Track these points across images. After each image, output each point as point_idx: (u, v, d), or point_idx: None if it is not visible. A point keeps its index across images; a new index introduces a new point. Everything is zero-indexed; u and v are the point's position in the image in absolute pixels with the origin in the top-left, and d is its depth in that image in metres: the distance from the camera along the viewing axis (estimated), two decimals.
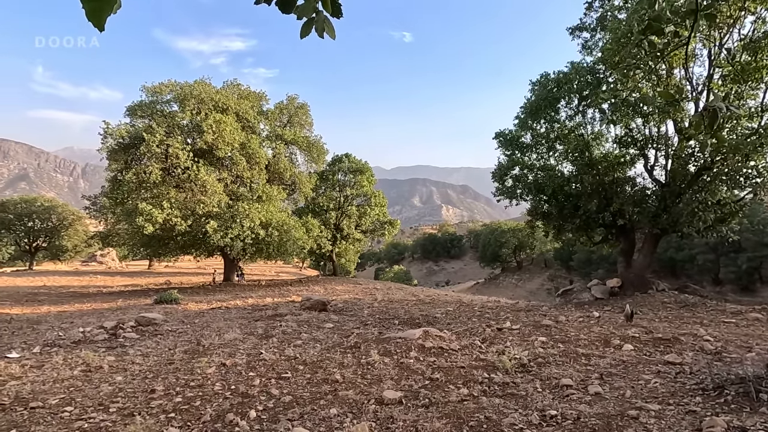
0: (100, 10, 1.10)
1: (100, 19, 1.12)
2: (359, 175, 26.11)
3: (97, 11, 1.10)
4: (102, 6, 1.11)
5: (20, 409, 4.13)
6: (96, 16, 1.11)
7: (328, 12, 1.48)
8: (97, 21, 1.12)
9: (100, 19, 1.12)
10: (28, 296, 17.32)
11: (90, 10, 1.09)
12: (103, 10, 1.11)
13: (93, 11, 1.09)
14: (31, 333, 8.82)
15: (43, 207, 41.54)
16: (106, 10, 1.12)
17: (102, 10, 1.11)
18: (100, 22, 1.12)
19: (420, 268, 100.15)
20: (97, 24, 1.14)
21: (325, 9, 1.46)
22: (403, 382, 4.85)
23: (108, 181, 21.62)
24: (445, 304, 13.07)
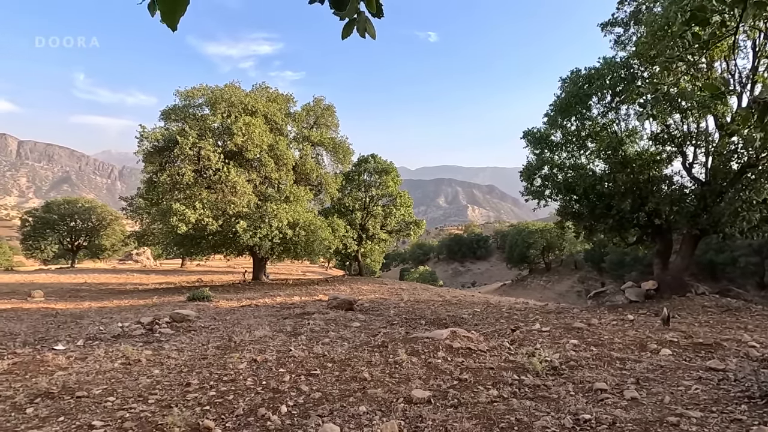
0: (173, 12, 1.19)
1: (173, 20, 1.21)
2: (385, 176, 26.15)
3: (171, 13, 1.19)
4: (175, 8, 1.19)
5: (67, 397, 4.36)
6: (169, 18, 1.20)
7: (372, 12, 1.50)
8: (171, 22, 1.20)
9: (173, 20, 1.21)
10: (71, 292, 18.23)
11: (164, 11, 1.18)
12: (176, 12, 1.20)
13: (167, 13, 1.18)
14: (75, 327, 9.29)
15: (84, 208, 43.68)
16: (179, 12, 1.20)
17: (175, 12, 1.20)
18: (173, 22, 1.21)
19: (445, 268, 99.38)
20: (171, 24, 1.23)
21: (369, 9, 1.48)
22: (431, 381, 4.83)
23: (143, 183, 22.52)
24: (472, 305, 12.92)
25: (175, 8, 1.20)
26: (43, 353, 6.42)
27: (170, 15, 1.21)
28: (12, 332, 8.48)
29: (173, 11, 1.20)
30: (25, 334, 8.33)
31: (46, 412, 3.97)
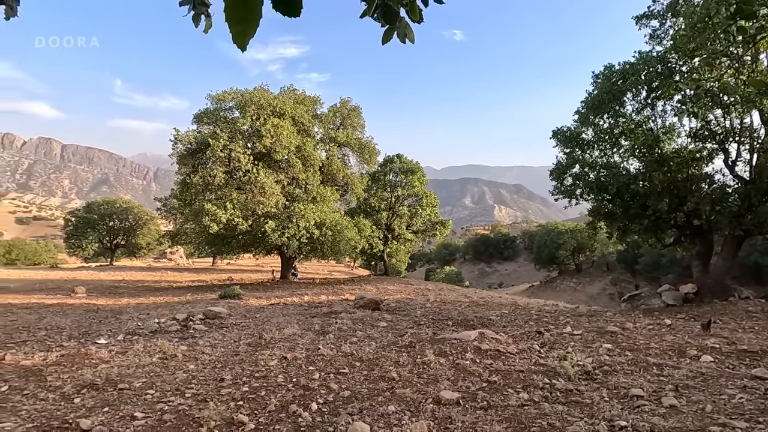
0: (244, 34, 1.27)
1: (243, 42, 1.28)
2: (410, 176, 26.12)
3: (241, 35, 1.27)
4: (246, 30, 1.27)
5: (111, 389, 4.59)
6: (240, 39, 1.27)
7: (414, 19, 1.52)
8: (241, 43, 1.28)
9: (243, 42, 1.28)
10: (111, 289, 19.10)
11: (236, 33, 1.25)
12: (247, 34, 1.27)
13: (238, 34, 1.25)
14: (115, 322, 9.73)
15: (122, 208, 45.65)
16: (249, 34, 1.27)
17: (245, 34, 1.27)
18: (243, 43, 1.29)
19: (472, 269, 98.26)
20: (241, 46, 1.31)
21: (412, 17, 1.50)
22: (459, 383, 4.80)
23: (177, 184, 23.32)
24: (500, 307, 12.74)
25: (246, 31, 1.27)
26: (87, 347, 6.76)
27: (241, 37, 1.27)
28: (58, 326, 8.98)
29: (244, 34, 1.27)
30: (70, 328, 8.79)
31: (92, 403, 4.18)
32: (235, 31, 1.29)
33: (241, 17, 1.27)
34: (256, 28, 1.28)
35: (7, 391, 4.52)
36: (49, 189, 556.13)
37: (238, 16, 1.27)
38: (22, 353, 6.29)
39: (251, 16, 1.25)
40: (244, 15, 1.27)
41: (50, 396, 4.40)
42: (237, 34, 1.29)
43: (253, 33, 1.28)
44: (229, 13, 1.26)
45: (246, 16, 1.27)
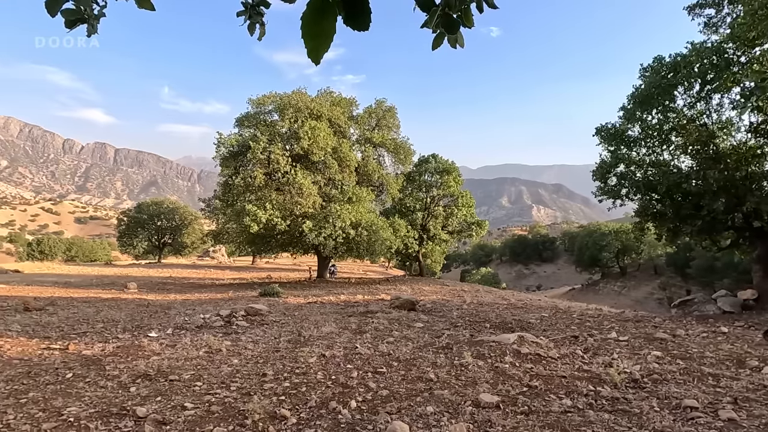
0: (318, 49, 1.35)
1: (318, 56, 1.36)
2: (446, 176, 25.88)
3: (316, 49, 1.35)
4: (320, 45, 1.35)
5: (162, 380, 4.85)
6: (314, 54, 1.35)
7: (468, 25, 1.53)
8: (315, 57, 1.36)
9: (317, 56, 1.36)
10: (159, 285, 20.15)
11: (311, 48, 1.32)
12: (321, 49, 1.35)
13: (313, 49, 1.33)
14: (164, 316, 10.27)
15: (169, 208, 48.05)
16: (323, 49, 1.35)
17: (320, 49, 1.35)
18: (317, 58, 1.36)
19: (508, 271, 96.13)
20: (315, 60, 1.39)
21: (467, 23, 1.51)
22: (499, 386, 4.72)
23: (219, 186, 24.29)
24: (539, 310, 12.39)
25: (321, 46, 1.33)
26: (140, 339, 7.18)
27: (315, 52, 1.34)
28: (114, 319, 9.58)
29: (318, 49, 1.33)
30: (124, 321, 9.37)
31: (146, 392, 4.44)
32: (310, 46, 1.35)
33: (317, 33, 1.33)
34: (330, 44, 1.33)
35: (72, 378, 4.88)
36: (103, 190, 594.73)
37: (314, 31, 1.32)
38: (83, 343, 6.78)
39: (326, 32, 1.31)
40: (320, 31, 1.33)
41: (109, 384, 4.71)
42: (312, 49, 1.35)
43: (327, 48, 1.34)
44: (305, 29, 1.32)
45: (321, 32, 1.32)
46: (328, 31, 1.31)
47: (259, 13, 2.21)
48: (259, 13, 2.20)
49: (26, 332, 7.67)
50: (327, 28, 1.30)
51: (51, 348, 6.44)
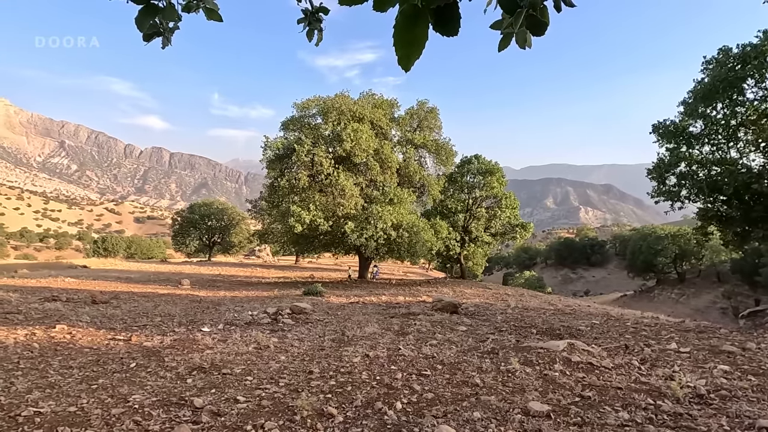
0: (408, 57, 1.38)
1: (408, 64, 1.39)
2: (489, 176, 25.36)
3: (406, 57, 1.38)
4: (411, 53, 1.37)
5: (216, 373, 5.08)
6: (404, 61, 1.38)
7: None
8: (405, 64, 1.39)
9: (408, 63, 1.39)
10: (210, 282, 21.16)
11: (401, 56, 1.36)
12: (411, 56, 1.37)
13: (403, 57, 1.36)
14: (215, 312, 10.76)
15: (219, 209, 50.36)
16: (413, 57, 1.37)
17: (410, 57, 1.38)
18: (407, 65, 1.40)
19: (554, 275, 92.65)
20: (405, 67, 1.42)
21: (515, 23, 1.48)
22: (549, 395, 4.55)
23: (265, 187, 25.16)
24: (589, 316, 11.83)
25: (411, 54, 1.36)
26: (194, 333, 7.56)
27: (406, 59, 1.36)
28: (170, 314, 10.17)
29: (409, 56, 1.36)
30: (179, 316, 9.91)
31: (201, 384, 4.67)
32: (401, 53, 1.36)
33: (408, 41, 1.34)
34: (421, 52, 1.35)
35: (135, 368, 5.22)
36: (159, 192, 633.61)
37: (406, 39, 1.34)
38: (144, 336, 7.23)
39: (418, 39, 1.32)
40: (412, 38, 1.34)
41: (168, 375, 4.99)
42: (402, 56, 1.37)
43: (418, 56, 1.35)
44: (397, 37, 1.34)
45: (413, 39, 1.34)
46: (420, 38, 1.31)
47: (318, 20, 2.27)
48: (318, 19, 2.26)
49: (94, 323, 8.29)
50: (419, 36, 1.31)
51: (116, 339, 6.92)
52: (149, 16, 1.91)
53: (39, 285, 15.29)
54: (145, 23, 1.93)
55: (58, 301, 11.08)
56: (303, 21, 2.29)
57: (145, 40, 2.26)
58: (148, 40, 2.27)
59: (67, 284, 16.25)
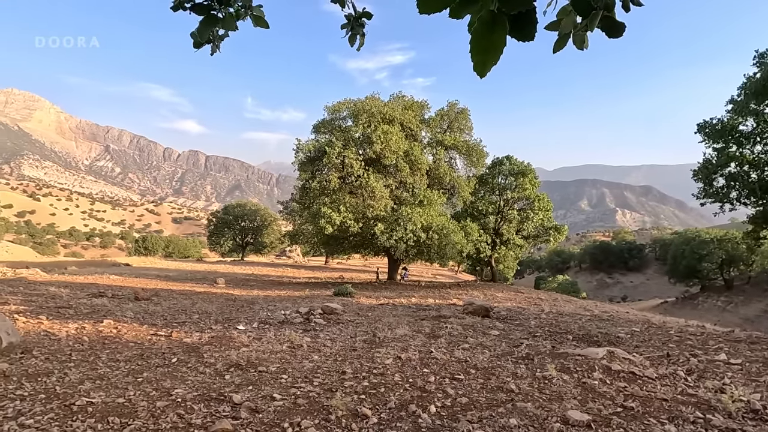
0: (484, 64, 1.39)
1: (483, 70, 1.40)
2: (521, 178, 24.82)
3: (482, 64, 1.39)
4: (487, 60, 1.38)
5: (252, 370, 5.21)
6: (480, 68, 1.39)
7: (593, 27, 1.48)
8: (480, 71, 1.40)
9: (483, 70, 1.40)
10: (243, 281, 21.74)
11: (477, 62, 1.37)
12: (487, 63, 1.38)
13: (479, 63, 1.37)
14: (249, 311, 11.04)
15: (251, 210, 51.75)
16: (489, 64, 1.38)
17: (486, 64, 1.39)
18: (482, 72, 1.41)
19: (588, 279, 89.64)
20: (480, 73, 1.43)
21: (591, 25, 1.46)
22: (589, 404, 4.39)
23: (296, 189, 25.64)
24: (629, 323, 11.35)
25: (487, 61, 1.36)
26: (230, 331, 7.78)
27: (481, 66, 1.37)
28: (207, 311, 10.51)
29: (485, 62, 1.36)
30: (216, 313, 10.23)
31: (239, 381, 4.80)
32: (476, 60, 1.37)
33: (485, 47, 1.35)
34: (498, 58, 1.35)
35: (176, 363, 5.43)
36: (195, 194, 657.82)
37: (482, 46, 1.34)
38: (183, 332, 7.51)
39: (495, 45, 1.32)
40: (488, 45, 1.34)
41: (207, 370, 5.16)
42: (478, 62, 1.37)
43: (495, 62, 1.36)
44: (474, 43, 1.34)
45: (490, 46, 1.34)
46: (498, 44, 1.31)
47: (360, 25, 2.30)
48: (361, 24, 2.28)
49: (137, 319, 8.68)
50: (496, 42, 1.31)
51: (158, 334, 7.22)
52: (210, 26, 1.98)
53: (86, 281, 16.17)
54: (205, 33, 2.01)
55: (104, 297, 11.68)
56: (346, 26, 2.32)
57: (196, 47, 2.35)
58: (198, 47, 2.36)
59: (112, 281, 17.11)
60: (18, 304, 9.32)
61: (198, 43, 2.19)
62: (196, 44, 2.20)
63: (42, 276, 16.93)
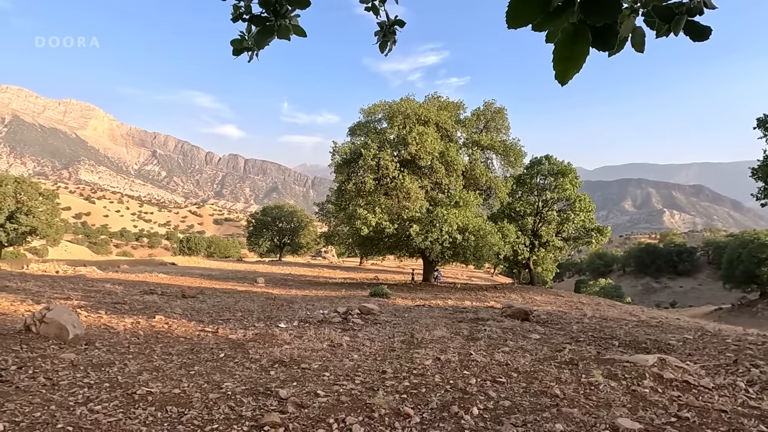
0: (566, 72, 1.42)
1: (564, 78, 1.43)
2: (561, 178, 24.05)
3: (564, 72, 1.42)
4: (569, 68, 1.41)
5: (295, 367, 5.36)
6: (561, 76, 1.43)
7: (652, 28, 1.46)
8: (562, 79, 1.43)
9: (564, 78, 1.43)
10: (282, 281, 22.32)
11: (559, 71, 1.41)
12: (569, 72, 1.41)
13: (561, 72, 1.41)
14: (288, 310, 11.34)
15: (289, 212, 53.01)
16: (571, 72, 1.41)
17: (568, 72, 1.41)
18: (564, 80, 1.44)
19: (633, 283, 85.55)
20: (561, 81, 1.45)
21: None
22: (639, 412, 4.22)
23: (332, 191, 26.09)
24: (680, 330, 10.76)
25: (569, 69, 1.39)
26: (272, 329, 8.03)
27: (562, 74, 1.40)
28: (249, 309, 10.89)
29: (566, 72, 1.39)
30: (257, 312, 10.58)
31: (283, 377, 4.96)
32: (558, 68, 1.39)
33: (566, 57, 1.37)
34: (580, 67, 1.37)
35: (224, 358, 5.67)
36: (235, 196, 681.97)
37: (564, 56, 1.37)
38: (228, 329, 7.83)
39: (577, 55, 1.35)
40: (570, 54, 1.37)
41: (252, 366, 5.36)
42: (560, 71, 1.40)
43: (577, 71, 1.38)
44: (557, 53, 1.37)
45: (571, 55, 1.37)
46: (580, 54, 1.33)
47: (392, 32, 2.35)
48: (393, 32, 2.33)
49: (186, 315, 9.13)
50: (578, 52, 1.32)
51: (205, 330, 7.56)
52: (266, 36, 2.09)
53: (137, 279, 17.15)
54: (263, 42, 2.12)
55: (154, 294, 12.35)
56: (379, 33, 2.37)
57: (235, 54, 2.48)
58: (237, 55, 2.48)
59: (160, 279, 18.05)
60: (79, 300, 10.03)
61: (237, 51, 2.31)
62: (236, 51, 2.32)
63: (98, 274, 18.11)
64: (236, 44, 2.43)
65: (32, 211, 39.27)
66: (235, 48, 2.43)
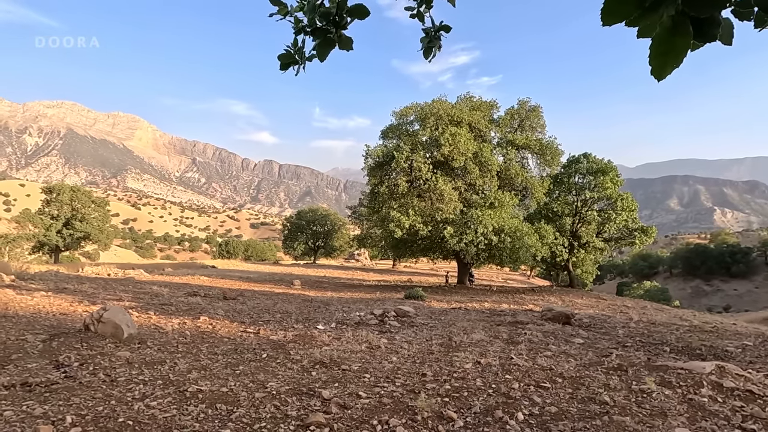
0: (663, 66, 1.37)
1: (662, 73, 1.38)
2: (601, 176, 23.12)
3: (660, 66, 1.37)
4: (666, 63, 1.36)
5: (335, 368, 5.42)
6: (658, 71, 1.38)
7: None
8: (659, 74, 1.38)
9: (661, 73, 1.38)
10: (317, 283, 22.66)
11: (655, 65, 1.36)
12: (666, 66, 1.36)
13: (657, 66, 1.36)
14: (325, 311, 11.49)
15: (322, 215, 53.81)
16: (669, 67, 1.37)
17: (665, 66, 1.36)
18: (660, 75, 1.38)
19: (681, 286, 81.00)
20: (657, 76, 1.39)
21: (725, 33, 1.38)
22: (699, 422, 3.98)
23: (364, 195, 26.26)
24: (738, 336, 10.07)
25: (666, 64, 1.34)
26: (311, 330, 8.17)
27: (660, 69, 1.36)
28: (287, 311, 11.12)
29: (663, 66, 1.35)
30: (296, 313, 10.78)
31: (324, 377, 5.02)
32: (655, 63, 1.36)
33: (664, 51, 1.33)
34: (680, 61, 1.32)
35: (267, 358, 5.81)
36: (270, 200, 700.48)
37: (662, 50, 1.33)
38: (269, 330, 8.02)
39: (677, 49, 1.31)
40: (668, 49, 1.33)
41: (294, 366, 5.47)
42: (657, 66, 1.36)
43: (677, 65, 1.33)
44: (653, 48, 1.34)
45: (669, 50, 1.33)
46: (681, 48, 1.28)
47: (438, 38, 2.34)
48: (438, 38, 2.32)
49: (228, 317, 9.43)
50: (678, 46, 1.28)
51: (247, 331, 7.78)
52: (327, 47, 2.14)
53: (181, 282, 17.89)
54: (325, 54, 2.16)
55: (198, 296, 12.84)
56: (424, 40, 2.37)
57: (282, 69, 2.52)
58: (284, 69, 2.53)
59: (202, 281, 18.76)
60: (130, 301, 10.58)
61: (285, 65, 2.35)
62: (283, 66, 2.36)
63: (145, 276, 19.04)
64: (284, 59, 2.48)
65: (86, 217, 41.88)
66: (282, 63, 2.49)
